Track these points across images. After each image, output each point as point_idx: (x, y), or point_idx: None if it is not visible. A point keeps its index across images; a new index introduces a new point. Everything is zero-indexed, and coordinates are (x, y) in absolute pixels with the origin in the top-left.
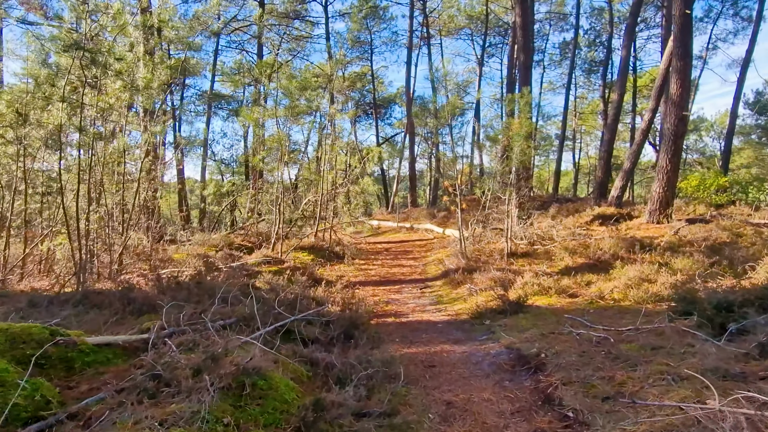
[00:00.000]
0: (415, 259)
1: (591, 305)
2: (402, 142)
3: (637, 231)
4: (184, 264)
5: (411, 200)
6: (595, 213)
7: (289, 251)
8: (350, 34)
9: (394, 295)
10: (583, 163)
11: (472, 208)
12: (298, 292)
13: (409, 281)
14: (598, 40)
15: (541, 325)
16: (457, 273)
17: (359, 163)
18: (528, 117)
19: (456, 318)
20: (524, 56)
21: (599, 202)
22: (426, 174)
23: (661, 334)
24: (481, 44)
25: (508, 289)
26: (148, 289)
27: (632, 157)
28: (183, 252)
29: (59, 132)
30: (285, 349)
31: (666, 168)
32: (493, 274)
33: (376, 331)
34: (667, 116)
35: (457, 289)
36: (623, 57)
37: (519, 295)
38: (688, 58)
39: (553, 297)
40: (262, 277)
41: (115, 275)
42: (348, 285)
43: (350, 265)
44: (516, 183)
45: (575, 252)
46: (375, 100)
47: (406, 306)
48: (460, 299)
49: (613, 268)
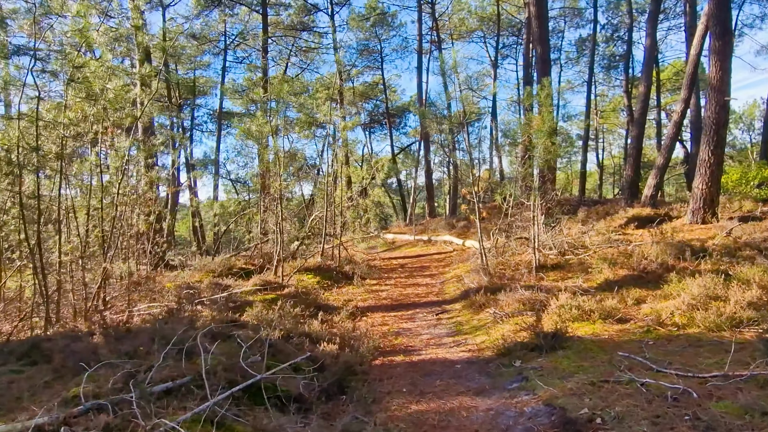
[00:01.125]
0: (432, 277)
1: (648, 334)
2: (417, 150)
3: (681, 233)
4: (167, 297)
5: (429, 210)
6: (630, 215)
7: (291, 274)
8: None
9: (406, 323)
10: (606, 163)
11: (494, 215)
12: (289, 329)
13: (424, 304)
14: (616, 35)
15: (589, 367)
16: (478, 294)
17: (369, 174)
18: (550, 111)
19: (478, 355)
20: (541, 48)
21: (631, 203)
22: (445, 182)
23: (766, 386)
24: (495, 45)
25: (540, 313)
26: (97, 337)
27: (666, 152)
28: (177, 280)
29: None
30: (247, 419)
31: (709, 161)
32: (521, 294)
33: (378, 377)
34: (707, 103)
35: (479, 314)
36: (647, 46)
37: (555, 323)
38: (727, 36)
39: (598, 323)
40: (250, 310)
41: (91, 314)
42: (354, 311)
43: (360, 286)
44: (541, 186)
45: (615, 262)
46: (388, 110)
47: (419, 338)
48: (483, 328)
49: (666, 282)
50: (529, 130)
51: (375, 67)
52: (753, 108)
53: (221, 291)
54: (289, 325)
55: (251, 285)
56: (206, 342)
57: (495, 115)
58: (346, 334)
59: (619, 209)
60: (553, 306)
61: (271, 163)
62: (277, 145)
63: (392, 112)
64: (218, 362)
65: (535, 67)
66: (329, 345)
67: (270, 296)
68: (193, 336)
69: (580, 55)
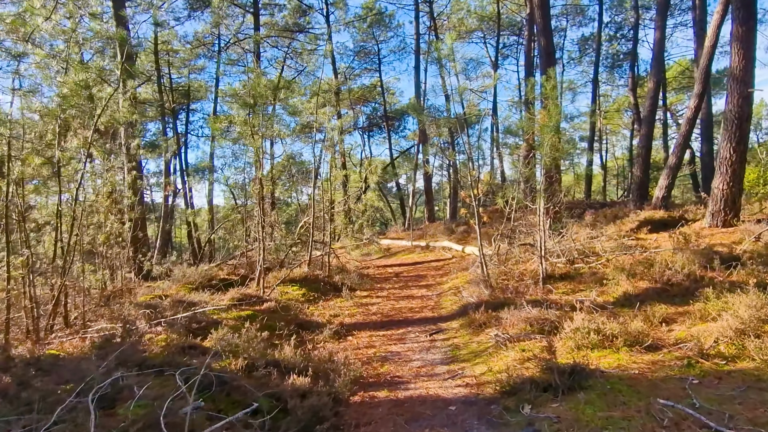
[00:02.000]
0: (428, 288)
1: (690, 369)
2: (415, 153)
3: (702, 238)
4: (129, 314)
5: (428, 215)
6: (641, 218)
7: (274, 286)
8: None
9: (395, 346)
10: (610, 164)
11: (495, 220)
12: (254, 357)
13: (418, 321)
14: (620, 33)
15: (621, 420)
16: (478, 310)
17: (360, 177)
18: (556, 104)
19: (477, 392)
20: (545, 40)
21: (641, 205)
22: (445, 187)
23: None
24: (495, 45)
25: (551, 337)
26: (7, 377)
27: (678, 150)
28: (156, 292)
29: None
30: None
31: (730, 158)
32: (527, 311)
33: (355, 420)
34: (728, 96)
35: (479, 335)
36: (657, 39)
37: (570, 351)
38: (751, 21)
39: (623, 352)
40: (215, 333)
41: (45, 335)
42: (339, 330)
43: (349, 298)
44: (548, 187)
45: (634, 273)
46: (386, 113)
47: (409, 365)
48: (483, 354)
49: (698, 298)
50: (532, 127)
51: (373, 69)
52: (760, 107)
53: (187, 308)
54: (255, 353)
55: (228, 299)
56: (143, 379)
57: (495, 111)
58: (321, 363)
59: (629, 212)
60: (567, 329)
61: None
62: (257, 143)
63: (391, 115)
64: (139, 416)
65: (538, 61)
66: (300, 378)
67: (245, 313)
68: (124, 374)
69: (583, 54)
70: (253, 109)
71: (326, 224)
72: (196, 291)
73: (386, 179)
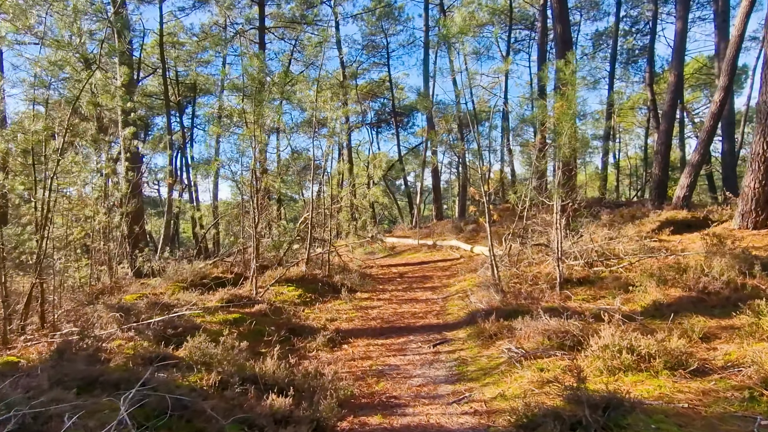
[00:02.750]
0: (433, 290)
1: (755, 405)
2: (424, 150)
3: (737, 241)
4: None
5: (436, 213)
6: (662, 218)
7: (268, 286)
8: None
9: (394, 357)
10: (623, 164)
11: (506, 218)
12: (230, 371)
13: (421, 329)
14: (635, 28)
15: None
16: (488, 318)
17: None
18: (575, 90)
19: (488, 423)
20: (561, 27)
21: (660, 205)
22: (454, 185)
23: None
24: (506, 39)
25: (575, 353)
26: None
27: (702, 147)
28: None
29: None
30: None
31: (763, 155)
32: (545, 322)
33: None
34: (762, 87)
35: (489, 348)
36: (678, 30)
37: (599, 374)
38: None
39: (664, 376)
40: (191, 341)
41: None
42: (334, 337)
43: (348, 301)
44: (566, 182)
45: (663, 278)
46: (395, 108)
47: (408, 383)
48: (495, 372)
49: (742, 311)
50: (546, 116)
51: (381, 64)
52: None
53: (165, 311)
54: (231, 366)
55: (217, 300)
56: (81, 405)
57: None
58: (307, 380)
59: (648, 212)
60: (594, 346)
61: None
62: (249, 131)
63: (399, 110)
64: None
65: (554, 50)
66: (280, 398)
67: (233, 316)
68: (57, 397)
69: (597, 50)
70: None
71: (327, 220)
72: (187, 290)
73: (394, 176)
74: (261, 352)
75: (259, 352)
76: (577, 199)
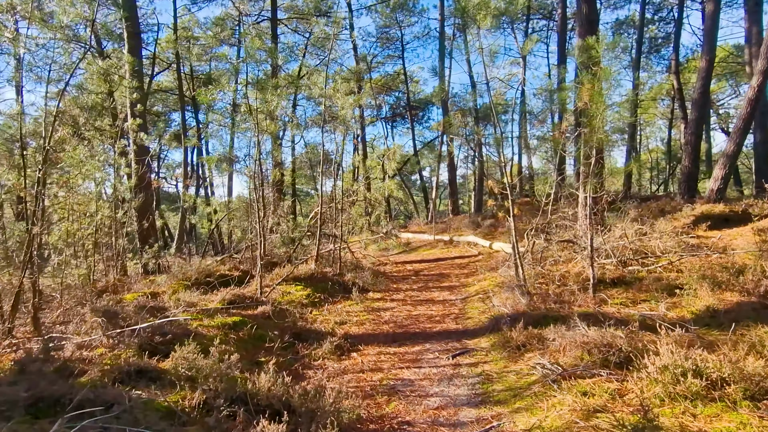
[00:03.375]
0: (451, 290)
1: None
2: (439, 144)
3: None
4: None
5: (452, 208)
6: (697, 213)
7: (274, 285)
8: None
9: (407, 370)
10: (644, 158)
11: (525, 213)
12: (218, 389)
13: (438, 335)
14: (658, 16)
15: None
16: (515, 326)
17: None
18: (608, 69)
19: None
20: (587, 7)
21: (691, 199)
22: (470, 179)
23: None
24: (524, 30)
25: (625, 373)
26: None
27: (738, 136)
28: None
29: None
30: None
31: None
32: (582, 331)
33: None
34: None
35: (517, 362)
36: (710, 12)
37: (660, 402)
38: None
39: (745, 409)
40: (178, 351)
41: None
42: (342, 343)
43: (360, 302)
44: (599, 171)
45: (716, 280)
46: (409, 102)
47: (424, 404)
48: (526, 394)
49: None
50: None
51: (396, 56)
52: None
53: (156, 314)
54: (219, 382)
55: (218, 301)
56: None
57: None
58: (306, 401)
59: (677, 206)
60: (651, 367)
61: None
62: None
63: (414, 104)
64: None
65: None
66: (273, 424)
67: (233, 319)
68: None
69: (618, 40)
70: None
71: (338, 214)
72: (189, 289)
73: (410, 171)
74: (259, 361)
75: (257, 362)
76: (609, 192)
